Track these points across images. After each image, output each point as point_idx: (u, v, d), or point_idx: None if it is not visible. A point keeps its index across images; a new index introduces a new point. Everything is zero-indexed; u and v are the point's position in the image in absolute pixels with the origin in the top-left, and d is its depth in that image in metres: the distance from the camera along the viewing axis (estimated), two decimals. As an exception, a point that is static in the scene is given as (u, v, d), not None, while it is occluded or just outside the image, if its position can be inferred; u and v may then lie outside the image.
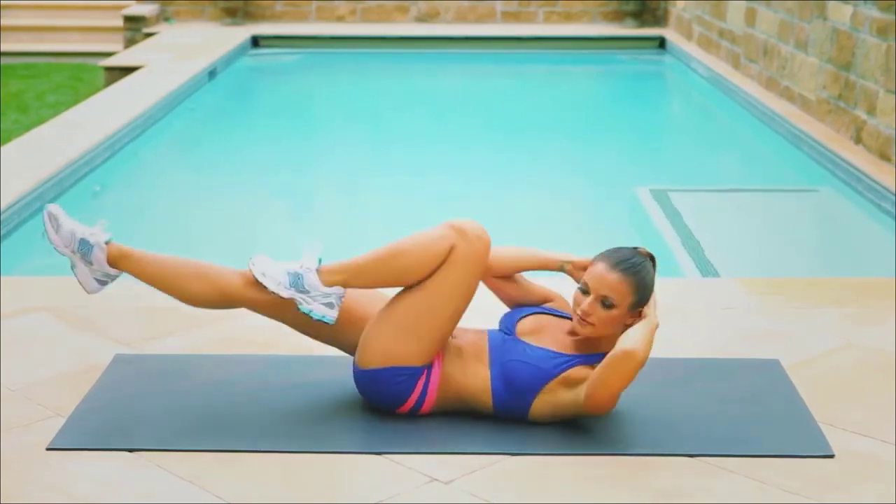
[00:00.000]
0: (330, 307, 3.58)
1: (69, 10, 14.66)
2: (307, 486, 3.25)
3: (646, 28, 13.52)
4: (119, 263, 3.67)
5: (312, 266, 3.58)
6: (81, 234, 3.67)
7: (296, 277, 3.56)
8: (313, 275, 3.56)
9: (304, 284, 3.56)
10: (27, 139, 7.82)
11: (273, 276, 3.57)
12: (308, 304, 3.57)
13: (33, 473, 3.30)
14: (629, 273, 3.49)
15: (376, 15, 13.91)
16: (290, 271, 3.57)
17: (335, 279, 3.57)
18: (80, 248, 3.69)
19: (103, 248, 3.66)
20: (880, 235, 6.46)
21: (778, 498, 3.20)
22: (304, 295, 3.57)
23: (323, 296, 3.57)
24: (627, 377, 3.39)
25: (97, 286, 3.72)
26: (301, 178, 8.27)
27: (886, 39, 7.24)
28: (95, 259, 3.66)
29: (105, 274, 3.69)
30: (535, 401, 3.53)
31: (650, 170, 8.40)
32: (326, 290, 3.57)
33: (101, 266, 3.67)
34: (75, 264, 3.71)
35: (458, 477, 3.29)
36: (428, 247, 3.53)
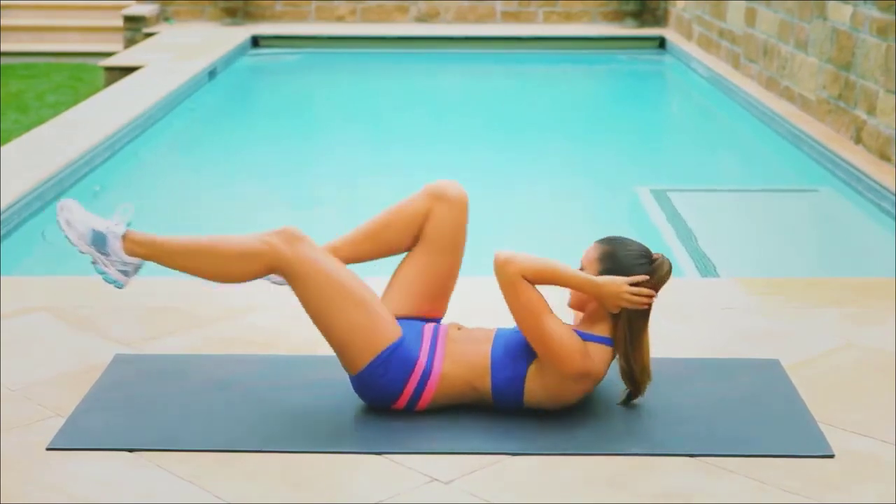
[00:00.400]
0: (125, 275, 3.64)
1: (69, 10, 14.66)
2: (307, 486, 3.25)
3: (646, 28, 13.53)
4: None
5: (119, 231, 3.61)
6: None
7: (99, 237, 3.59)
8: (117, 240, 3.60)
9: (106, 247, 3.59)
10: (27, 139, 7.82)
11: (77, 229, 3.60)
12: (105, 266, 3.63)
13: (33, 473, 3.30)
14: (602, 242, 3.62)
15: (376, 15, 13.92)
16: (96, 229, 3.60)
17: (138, 251, 3.62)
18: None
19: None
20: (880, 235, 6.46)
21: (778, 498, 3.20)
22: (103, 256, 3.61)
23: (121, 263, 3.62)
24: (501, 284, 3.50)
25: (122, 277, 3.69)
26: (301, 178, 8.27)
27: (886, 39, 7.24)
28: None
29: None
30: (529, 370, 3.54)
31: (650, 170, 8.40)
32: (126, 258, 3.61)
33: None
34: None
35: (458, 477, 3.29)
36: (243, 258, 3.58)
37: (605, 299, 3.55)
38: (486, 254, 6.48)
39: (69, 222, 3.66)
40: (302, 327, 4.41)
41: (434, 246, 3.77)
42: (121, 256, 3.66)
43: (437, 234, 3.76)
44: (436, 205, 3.78)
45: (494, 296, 3.79)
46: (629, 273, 3.56)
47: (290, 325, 4.43)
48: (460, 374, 3.60)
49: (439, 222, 3.76)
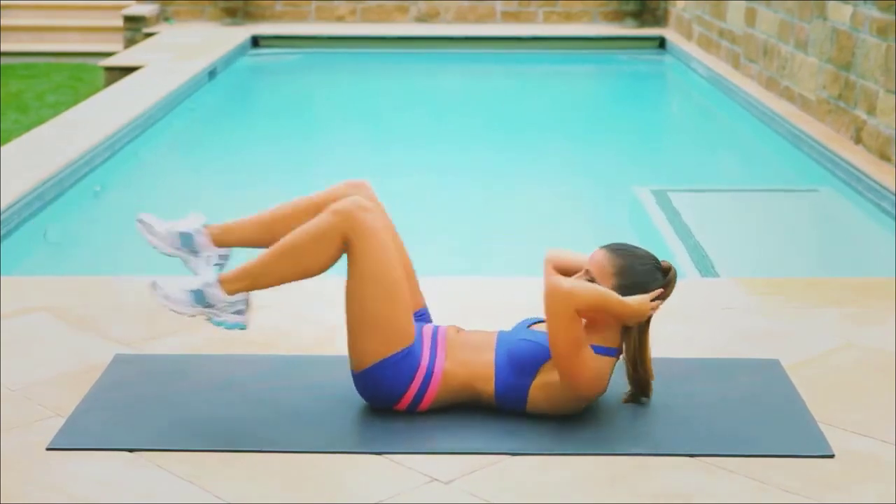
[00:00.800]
0: (240, 314, 3.64)
1: (69, 10, 14.66)
2: (307, 486, 3.25)
3: (646, 28, 13.53)
4: (223, 239, 3.69)
5: (212, 280, 3.60)
6: (178, 228, 3.72)
7: (199, 296, 3.59)
8: (215, 288, 3.59)
9: (208, 299, 3.59)
10: (27, 139, 7.82)
11: (178, 298, 3.59)
12: (218, 316, 3.63)
13: (33, 473, 3.30)
14: (616, 254, 3.58)
15: (376, 15, 13.92)
16: (192, 289, 3.60)
17: (238, 287, 3.61)
18: (183, 242, 3.72)
19: (202, 231, 3.69)
20: (880, 235, 6.46)
21: (778, 498, 3.20)
22: (211, 310, 3.61)
23: (230, 305, 3.62)
24: (555, 313, 3.44)
25: (240, 319, 3.66)
26: (301, 178, 8.27)
27: (886, 39, 7.24)
28: (200, 245, 3.66)
29: (219, 256, 3.71)
30: (533, 382, 3.54)
31: (650, 170, 8.40)
32: (231, 298, 3.61)
33: (208, 249, 3.69)
34: (186, 259, 3.73)
35: (458, 477, 3.29)
36: (319, 242, 3.54)
37: (631, 318, 3.55)
38: (486, 254, 6.51)
39: (167, 297, 3.62)
40: (302, 327, 4.42)
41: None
42: (226, 300, 3.63)
43: None
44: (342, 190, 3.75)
45: (494, 296, 3.79)
46: (648, 287, 3.56)
47: (290, 325, 4.44)
48: (462, 377, 3.60)
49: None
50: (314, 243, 3.55)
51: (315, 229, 3.56)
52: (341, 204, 3.57)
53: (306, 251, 3.56)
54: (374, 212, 3.59)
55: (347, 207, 3.55)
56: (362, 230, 3.53)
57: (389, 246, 3.58)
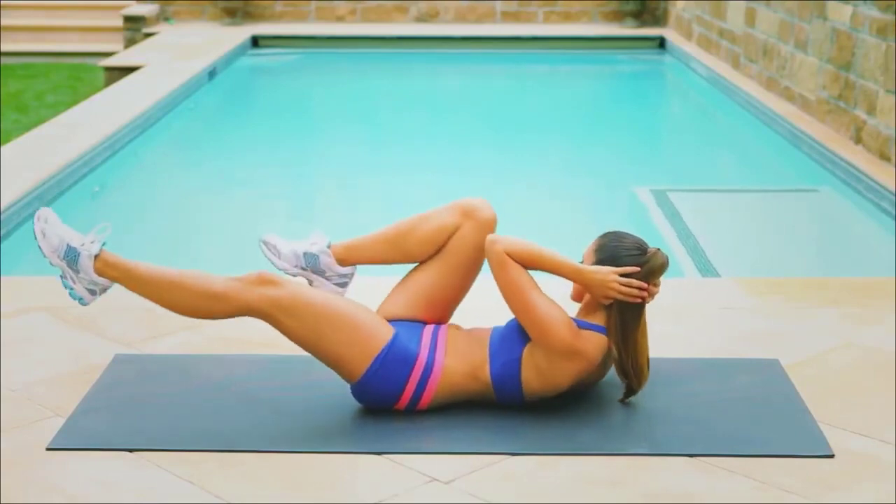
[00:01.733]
0: (91, 293, 3.68)
1: (69, 10, 14.66)
2: (307, 486, 3.25)
3: (645, 28, 13.52)
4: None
5: (93, 250, 3.63)
6: (303, 249, 3.74)
7: (72, 252, 3.62)
8: (90, 259, 3.62)
9: (77, 263, 3.63)
10: (27, 139, 7.82)
11: (51, 241, 3.63)
12: (72, 282, 3.66)
13: (33, 473, 3.30)
14: (601, 236, 3.68)
15: (376, 15, 13.92)
16: (70, 245, 3.63)
17: (108, 273, 3.64)
18: (308, 262, 3.77)
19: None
20: (880, 235, 6.46)
21: (778, 498, 3.20)
22: (72, 272, 3.65)
23: (90, 281, 3.66)
24: (490, 263, 3.60)
25: (87, 296, 3.70)
26: (301, 178, 8.28)
27: (886, 39, 7.24)
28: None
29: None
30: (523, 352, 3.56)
31: (650, 170, 8.40)
32: (95, 278, 3.64)
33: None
34: (311, 280, 3.77)
35: (458, 477, 3.29)
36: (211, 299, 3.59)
37: (591, 288, 3.60)
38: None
39: (44, 233, 3.65)
40: (302, 327, 4.42)
41: (454, 261, 3.79)
42: (90, 275, 3.65)
43: (460, 251, 3.78)
44: (464, 222, 3.78)
45: (494, 297, 3.79)
46: (620, 263, 3.58)
47: (290, 325, 4.43)
48: (461, 367, 3.61)
49: (464, 240, 3.78)
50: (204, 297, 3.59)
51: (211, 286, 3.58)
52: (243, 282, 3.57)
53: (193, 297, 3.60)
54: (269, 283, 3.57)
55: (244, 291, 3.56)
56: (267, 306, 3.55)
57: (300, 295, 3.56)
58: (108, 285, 3.70)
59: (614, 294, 3.56)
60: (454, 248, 3.78)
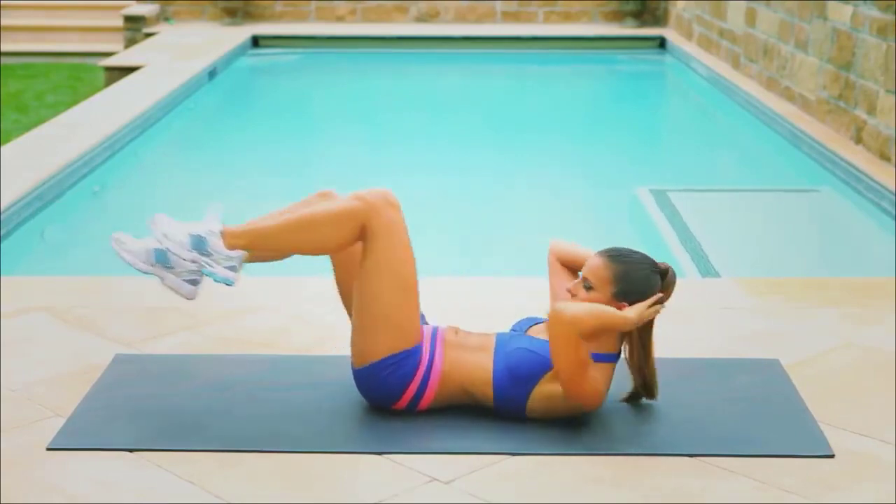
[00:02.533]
0: (233, 271, 3.54)
1: (69, 10, 14.66)
2: (307, 486, 3.25)
3: (646, 28, 13.52)
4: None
5: (217, 229, 3.56)
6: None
7: (199, 240, 3.54)
8: (217, 238, 3.55)
9: (207, 247, 3.55)
10: (27, 139, 7.82)
11: (176, 238, 3.55)
12: (211, 267, 3.54)
13: (33, 473, 3.30)
14: (613, 260, 3.55)
15: (376, 15, 13.92)
16: (194, 234, 3.55)
17: (239, 243, 3.55)
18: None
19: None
20: (880, 235, 6.46)
21: (778, 498, 3.20)
22: (206, 258, 3.55)
23: (226, 259, 3.55)
24: (560, 338, 3.41)
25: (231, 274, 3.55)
26: (301, 178, 8.26)
27: (886, 39, 7.24)
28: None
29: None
30: (533, 391, 3.53)
31: (650, 170, 8.40)
32: (230, 253, 3.55)
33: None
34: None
35: (458, 477, 3.29)
36: (338, 221, 3.53)
37: (628, 328, 3.54)
38: (485, 254, 6.51)
39: (167, 235, 3.59)
40: (302, 327, 4.42)
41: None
42: (224, 252, 3.55)
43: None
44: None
45: (494, 297, 3.79)
46: (647, 295, 3.55)
47: (290, 325, 4.44)
48: (459, 379, 3.59)
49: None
50: (333, 222, 3.54)
51: (337, 209, 3.55)
52: (369, 193, 3.57)
53: (322, 227, 3.54)
54: (397, 208, 3.58)
55: (374, 198, 3.55)
56: (386, 222, 3.53)
57: (407, 244, 3.58)
58: (242, 256, 3.56)
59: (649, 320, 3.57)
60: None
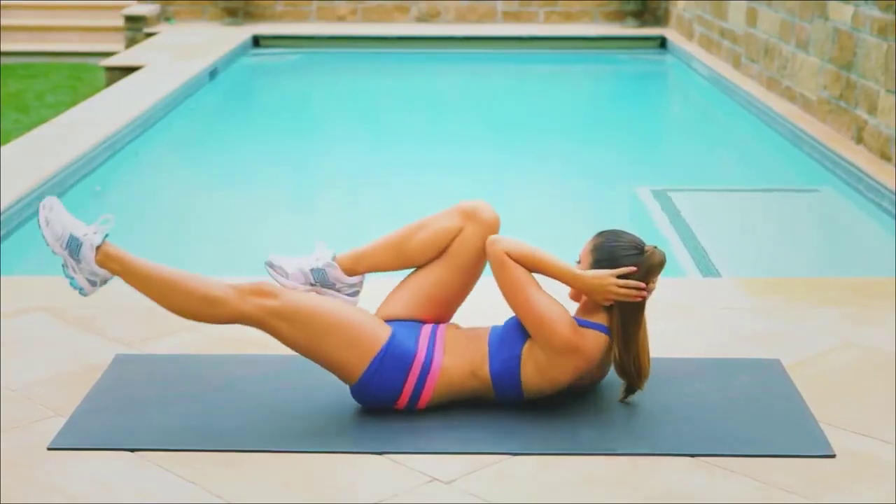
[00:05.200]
0: (91, 284, 3.69)
1: (69, 10, 14.66)
2: (307, 486, 3.25)
3: (646, 28, 13.52)
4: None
5: (96, 241, 3.64)
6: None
7: (74, 242, 3.63)
8: (91, 250, 3.64)
9: (79, 253, 3.63)
10: (27, 139, 7.82)
11: (55, 230, 3.65)
12: (73, 272, 3.67)
13: (33, 473, 3.30)
14: (597, 234, 3.69)
15: (377, 15, 13.92)
16: (73, 235, 3.64)
17: (109, 265, 3.65)
18: (317, 277, 3.76)
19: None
20: (880, 235, 6.46)
21: (778, 498, 3.20)
22: (74, 262, 3.66)
23: (90, 272, 3.66)
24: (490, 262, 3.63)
25: (88, 286, 3.70)
26: (301, 178, 8.28)
27: (887, 39, 7.24)
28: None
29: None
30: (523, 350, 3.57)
31: (651, 169, 8.40)
32: (96, 269, 3.65)
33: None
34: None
35: (459, 477, 3.29)
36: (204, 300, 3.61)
37: (591, 292, 3.59)
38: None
39: (48, 221, 3.67)
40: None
41: (456, 262, 3.79)
42: (91, 266, 3.65)
43: (461, 252, 3.78)
44: (467, 225, 3.78)
45: (494, 297, 3.79)
46: (618, 264, 3.57)
47: (291, 325, 4.43)
48: (460, 365, 3.62)
49: (467, 242, 3.77)
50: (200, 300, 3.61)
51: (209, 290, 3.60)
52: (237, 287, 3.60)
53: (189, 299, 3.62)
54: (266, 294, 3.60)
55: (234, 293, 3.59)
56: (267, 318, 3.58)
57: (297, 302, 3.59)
58: (109, 277, 3.70)
59: (613, 297, 3.57)
60: (456, 249, 3.78)
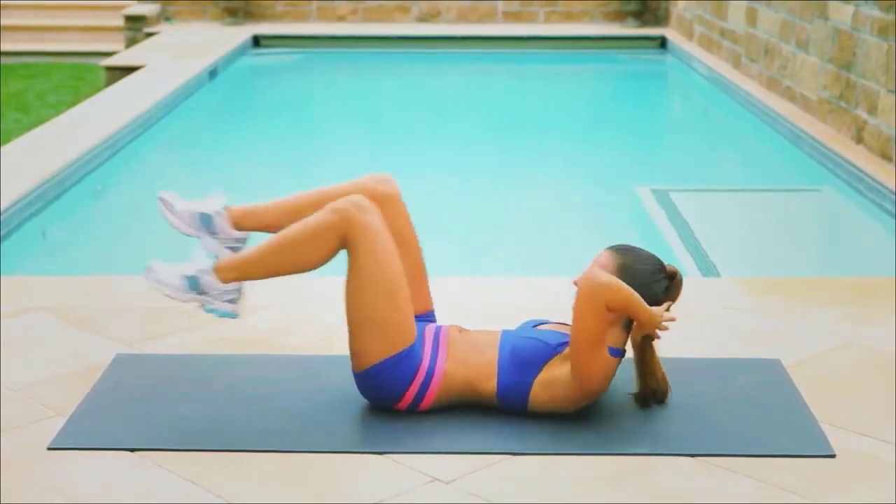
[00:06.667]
0: (232, 303, 3.65)
1: (69, 10, 14.66)
2: (307, 486, 3.25)
3: (647, 28, 13.52)
4: (243, 223, 3.67)
5: (207, 267, 3.62)
6: (198, 209, 3.70)
7: (194, 282, 3.61)
8: (210, 275, 3.61)
9: (202, 287, 3.61)
10: (28, 139, 7.82)
11: (172, 284, 3.61)
12: (211, 304, 3.64)
13: (33, 473, 3.30)
14: (618, 252, 3.60)
15: (377, 15, 13.92)
16: (188, 275, 3.61)
17: (231, 276, 3.62)
18: (202, 222, 3.71)
19: (222, 213, 3.68)
20: (880, 235, 6.46)
21: (778, 498, 3.20)
22: (204, 297, 3.63)
23: (223, 293, 3.63)
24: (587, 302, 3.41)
25: (231, 308, 3.67)
26: (302, 178, 8.27)
27: (887, 39, 7.24)
28: (219, 227, 3.66)
29: (235, 240, 3.69)
30: (536, 379, 3.54)
31: (651, 169, 8.40)
32: (225, 287, 3.62)
33: (226, 232, 3.67)
34: (203, 240, 3.70)
35: (459, 477, 3.29)
36: (317, 238, 3.54)
37: (646, 327, 3.56)
38: (485, 254, 6.51)
39: (161, 282, 3.63)
40: (302, 327, 4.42)
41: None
42: (219, 288, 3.63)
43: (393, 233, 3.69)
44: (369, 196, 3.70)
45: (496, 297, 3.80)
46: (650, 290, 3.55)
47: (290, 325, 4.44)
48: (464, 376, 3.60)
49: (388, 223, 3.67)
50: (312, 239, 3.55)
51: (314, 226, 3.56)
52: (340, 203, 3.57)
53: (303, 247, 3.56)
54: (372, 212, 3.58)
55: (345, 207, 3.55)
56: (361, 230, 3.53)
57: (388, 246, 3.57)
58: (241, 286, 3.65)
59: (661, 330, 3.57)
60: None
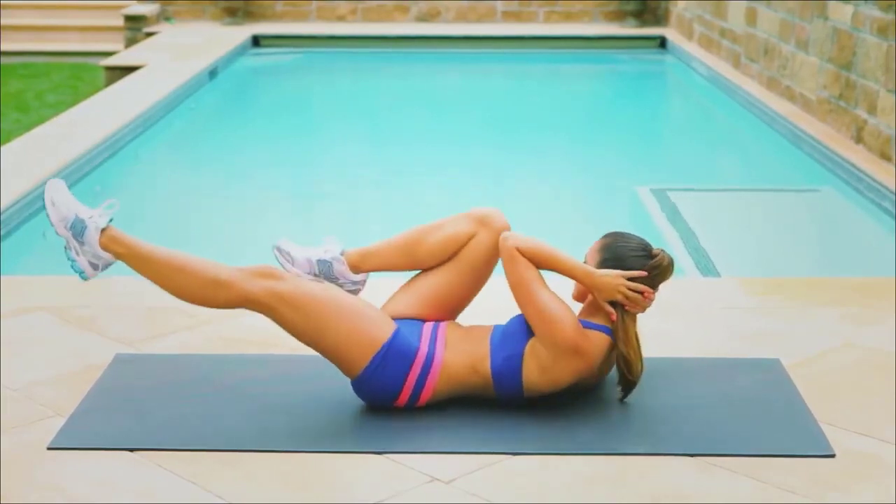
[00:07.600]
0: (93, 268, 3.71)
1: (69, 10, 14.66)
2: (307, 486, 3.25)
3: (646, 28, 13.53)
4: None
5: (101, 223, 3.66)
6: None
7: (79, 223, 3.65)
8: (96, 232, 3.65)
9: (83, 235, 3.65)
10: (27, 139, 7.82)
11: (60, 210, 3.66)
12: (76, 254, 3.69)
13: (33, 473, 3.30)
14: (604, 236, 3.70)
15: (377, 14, 13.92)
16: (79, 216, 3.66)
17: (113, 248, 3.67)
18: (321, 269, 3.78)
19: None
20: (880, 235, 6.46)
21: (778, 498, 3.20)
22: (77, 244, 3.68)
23: (93, 255, 3.68)
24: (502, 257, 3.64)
25: (89, 269, 3.71)
26: (302, 178, 8.27)
27: (887, 39, 7.24)
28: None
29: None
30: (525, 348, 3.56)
31: (650, 169, 8.40)
32: (99, 251, 3.67)
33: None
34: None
35: (459, 477, 3.29)
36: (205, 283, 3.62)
37: (598, 290, 3.60)
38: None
39: (54, 202, 3.69)
40: (302, 327, 4.41)
41: (464, 266, 3.79)
42: (95, 249, 3.67)
43: (472, 258, 3.79)
44: (480, 230, 3.79)
45: (494, 296, 3.80)
46: (625, 264, 3.59)
47: (291, 324, 4.43)
48: (461, 360, 3.62)
49: (477, 247, 3.78)
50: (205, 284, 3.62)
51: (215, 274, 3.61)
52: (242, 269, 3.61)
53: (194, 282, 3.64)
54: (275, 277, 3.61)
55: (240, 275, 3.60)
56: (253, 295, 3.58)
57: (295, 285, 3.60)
58: (111, 261, 3.71)
59: (620, 298, 3.57)
60: (465, 254, 3.79)
